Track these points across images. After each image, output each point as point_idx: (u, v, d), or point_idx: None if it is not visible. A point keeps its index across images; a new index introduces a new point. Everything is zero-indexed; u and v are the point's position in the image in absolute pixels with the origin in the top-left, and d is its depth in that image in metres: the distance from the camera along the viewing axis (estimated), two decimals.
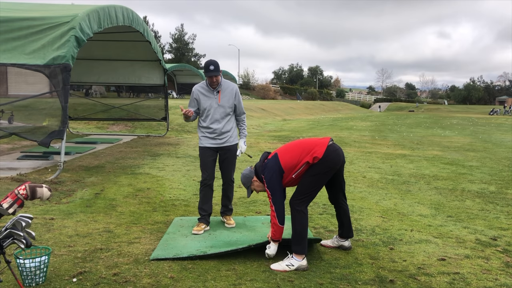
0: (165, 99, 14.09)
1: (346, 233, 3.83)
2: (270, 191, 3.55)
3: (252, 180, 3.77)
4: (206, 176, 4.38)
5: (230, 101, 4.38)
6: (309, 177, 3.49)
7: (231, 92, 4.40)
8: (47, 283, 3.06)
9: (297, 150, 3.55)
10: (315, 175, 3.48)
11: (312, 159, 3.45)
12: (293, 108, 35.48)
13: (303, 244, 3.44)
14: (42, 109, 8.23)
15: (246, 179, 3.78)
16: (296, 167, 3.50)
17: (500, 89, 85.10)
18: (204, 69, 4.26)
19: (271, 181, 3.54)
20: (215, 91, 4.33)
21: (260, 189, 3.77)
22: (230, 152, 4.44)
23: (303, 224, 3.46)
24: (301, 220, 3.45)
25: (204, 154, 4.40)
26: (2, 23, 7.00)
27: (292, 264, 3.39)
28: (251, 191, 3.85)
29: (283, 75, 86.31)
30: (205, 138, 4.39)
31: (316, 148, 3.49)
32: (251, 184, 3.78)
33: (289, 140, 13.65)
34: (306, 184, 3.50)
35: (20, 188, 2.56)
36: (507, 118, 35.06)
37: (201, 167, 4.45)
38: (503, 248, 3.99)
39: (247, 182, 3.79)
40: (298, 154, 3.52)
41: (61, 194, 5.80)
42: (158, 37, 56.44)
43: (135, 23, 9.88)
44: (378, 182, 7.03)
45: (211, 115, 4.33)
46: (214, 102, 4.33)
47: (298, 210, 3.47)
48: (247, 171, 3.79)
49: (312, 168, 3.48)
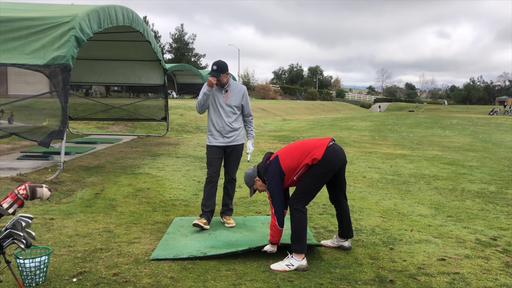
0: (165, 99, 14.09)
1: (345, 233, 3.84)
2: (270, 193, 3.58)
3: (255, 179, 3.79)
4: (212, 173, 4.45)
5: (238, 101, 4.47)
6: (308, 177, 3.51)
7: (239, 92, 4.50)
8: (47, 283, 3.06)
9: (297, 152, 3.56)
10: (314, 175, 3.49)
11: (311, 160, 3.46)
12: (293, 108, 35.48)
13: (302, 243, 3.45)
14: (42, 109, 8.22)
15: (249, 178, 3.81)
16: (297, 169, 3.52)
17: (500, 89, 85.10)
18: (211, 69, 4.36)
19: (271, 184, 3.56)
20: (223, 90, 4.43)
21: (262, 189, 3.80)
22: (236, 151, 4.53)
23: (302, 223, 3.47)
24: (300, 219, 3.46)
25: (211, 152, 4.48)
26: (2, 23, 7.00)
27: (292, 264, 3.40)
28: (254, 191, 3.88)
29: (283, 75, 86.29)
30: (213, 136, 4.47)
31: (315, 150, 3.50)
32: (253, 184, 3.81)
33: (289, 140, 13.66)
34: (306, 184, 3.51)
35: (20, 188, 2.56)
36: (507, 118, 35.06)
37: (207, 164, 4.53)
38: (503, 248, 3.99)
39: (250, 182, 3.82)
40: (298, 156, 3.53)
41: (61, 194, 5.80)
42: (158, 37, 56.45)
43: (135, 23, 9.88)
44: (378, 182, 7.03)
45: (218, 113, 4.42)
46: (222, 100, 4.42)
47: (297, 209, 3.48)
48: (250, 170, 3.82)
49: (312, 169, 3.50)
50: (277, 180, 3.54)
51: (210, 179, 4.46)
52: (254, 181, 3.79)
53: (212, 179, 4.45)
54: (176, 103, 22.15)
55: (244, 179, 3.86)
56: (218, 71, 4.27)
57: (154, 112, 14.42)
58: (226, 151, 4.50)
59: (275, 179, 3.54)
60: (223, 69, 4.29)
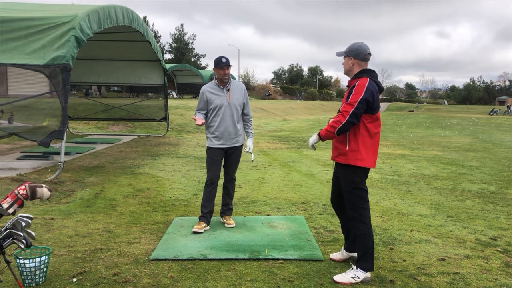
0: (165, 99, 14.10)
1: (352, 247, 3.55)
2: (357, 101, 3.12)
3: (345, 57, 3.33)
4: (212, 175, 4.38)
5: (240, 99, 4.40)
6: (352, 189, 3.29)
7: (241, 90, 4.44)
8: (47, 283, 3.06)
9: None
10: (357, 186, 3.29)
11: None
12: (293, 108, 35.49)
13: (371, 261, 3.26)
14: (42, 109, 8.22)
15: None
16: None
17: (500, 89, 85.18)
18: (215, 64, 4.26)
19: (364, 96, 3.11)
20: (225, 89, 4.35)
21: (346, 69, 3.37)
22: (237, 151, 4.48)
23: (371, 238, 3.27)
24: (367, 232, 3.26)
25: (213, 154, 4.39)
26: (2, 23, 7.00)
27: (357, 276, 3.20)
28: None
29: (283, 75, 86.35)
30: (216, 138, 4.36)
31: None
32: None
33: (289, 140, 13.66)
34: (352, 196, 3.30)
35: (20, 188, 2.56)
36: (507, 118, 35.06)
37: (208, 165, 4.44)
38: (503, 248, 3.99)
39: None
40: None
41: (61, 194, 5.80)
42: (158, 37, 56.43)
43: (135, 23, 9.89)
44: (378, 182, 7.03)
45: (222, 113, 4.31)
46: (225, 100, 4.32)
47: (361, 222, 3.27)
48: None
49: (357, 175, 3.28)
50: (367, 101, 3.13)
51: (211, 182, 4.39)
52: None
53: (213, 182, 4.40)
54: (176, 103, 22.15)
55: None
56: (228, 62, 4.24)
57: (154, 112, 14.42)
58: (227, 152, 4.45)
59: (368, 96, 3.13)
60: (229, 61, 4.25)
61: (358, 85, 3.18)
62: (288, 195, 6.04)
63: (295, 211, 5.17)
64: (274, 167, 8.36)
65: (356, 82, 3.23)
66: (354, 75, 3.32)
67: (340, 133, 3.21)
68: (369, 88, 3.15)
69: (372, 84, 3.20)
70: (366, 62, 3.33)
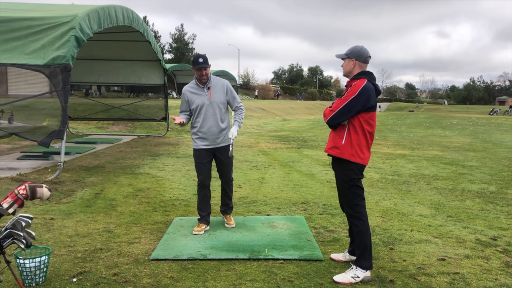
0: (165, 99, 14.10)
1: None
2: (346, 105, 3.19)
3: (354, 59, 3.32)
4: (202, 178, 4.29)
5: (222, 97, 4.25)
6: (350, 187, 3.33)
7: (222, 88, 4.27)
8: (47, 283, 3.06)
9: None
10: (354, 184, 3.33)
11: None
12: (293, 108, 35.50)
13: (370, 259, 3.28)
14: (42, 109, 8.22)
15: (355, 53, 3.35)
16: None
17: (500, 89, 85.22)
18: (193, 63, 4.10)
19: (356, 97, 3.16)
20: (205, 87, 4.22)
21: (347, 70, 3.39)
22: (226, 152, 4.29)
23: (368, 235, 3.29)
24: (365, 228, 3.28)
25: (199, 156, 4.28)
26: (2, 23, 7.00)
27: (357, 275, 3.21)
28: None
29: (283, 75, 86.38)
30: (200, 139, 4.25)
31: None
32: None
33: (289, 140, 13.66)
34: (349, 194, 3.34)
35: (20, 188, 2.56)
36: (507, 118, 35.06)
37: (196, 169, 4.33)
38: (503, 248, 3.99)
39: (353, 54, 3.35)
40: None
41: (61, 194, 5.80)
42: (158, 37, 56.45)
43: (135, 23, 9.89)
44: (378, 182, 7.04)
45: (204, 113, 4.19)
46: (205, 99, 4.19)
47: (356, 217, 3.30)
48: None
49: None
50: (361, 102, 3.18)
51: (202, 185, 4.30)
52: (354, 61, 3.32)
53: (204, 185, 4.30)
54: (176, 103, 22.13)
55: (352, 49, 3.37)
56: (206, 63, 4.07)
57: (154, 112, 14.43)
58: (215, 154, 4.32)
59: (362, 99, 3.19)
60: (208, 60, 4.10)
61: (354, 85, 3.24)
62: (288, 195, 6.04)
63: (295, 211, 5.17)
64: (274, 167, 8.36)
65: (353, 82, 3.29)
66: (353, 76, 3.35)
67: (332, 121, 3.34)
68: (364, 89, 3.20)
69: (369, 85, 3.25)
70: (366, 64, 3.38)
